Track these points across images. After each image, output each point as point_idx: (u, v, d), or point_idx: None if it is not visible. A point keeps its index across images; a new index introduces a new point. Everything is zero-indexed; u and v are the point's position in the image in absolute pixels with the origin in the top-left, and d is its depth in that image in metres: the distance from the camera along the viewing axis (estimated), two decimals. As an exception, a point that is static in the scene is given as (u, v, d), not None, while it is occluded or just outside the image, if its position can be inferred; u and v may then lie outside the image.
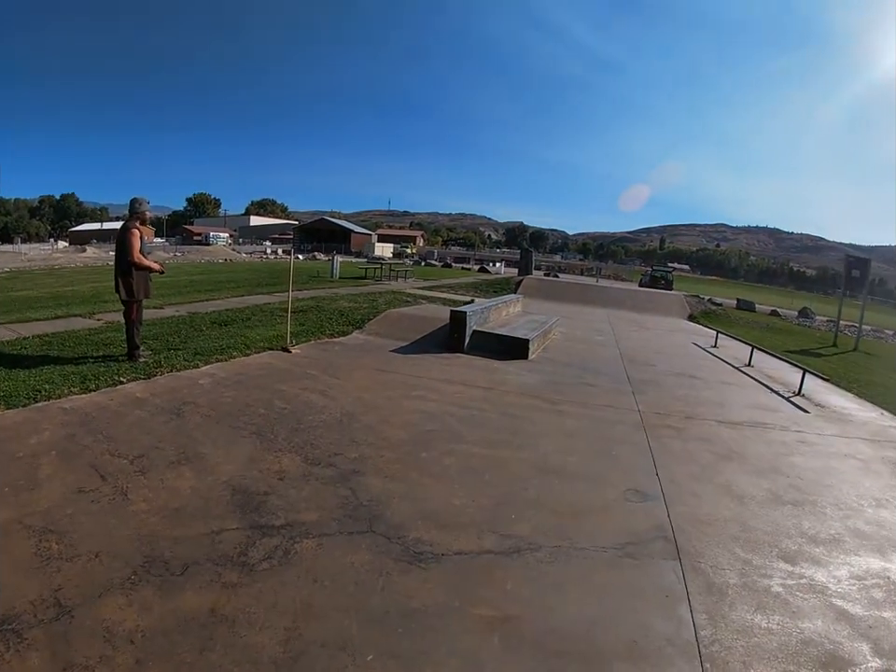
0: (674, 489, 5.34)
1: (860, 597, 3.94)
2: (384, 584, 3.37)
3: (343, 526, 3.97)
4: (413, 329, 11.61)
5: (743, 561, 4.21)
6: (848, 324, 28.50)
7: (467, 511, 4.43)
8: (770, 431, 7.84)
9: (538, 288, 26.24)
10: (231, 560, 3.44)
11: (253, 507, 4.11)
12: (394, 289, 19.69)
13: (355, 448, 5.38)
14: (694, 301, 29.09)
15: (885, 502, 5.77)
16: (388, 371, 8.53)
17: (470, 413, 6.86)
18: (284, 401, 6.53)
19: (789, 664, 3.13)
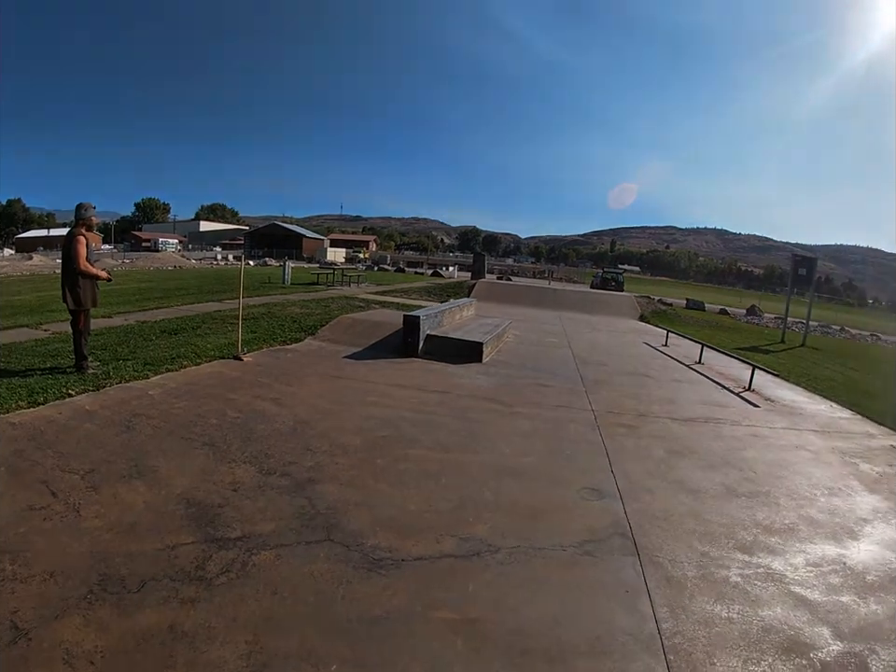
0: (629, 486, 5.41)
1: (817, 584, 4.07)
2: (344, 593, 3.33)
3: (300, 536, 3.91)
4: (367, 335, 11.53)
5: (700, 553, 4.28)
6: (796, 320, 29.38)
7: (424, 515, 4.42)
8: (722, 426, 8.02)
9: (491, 292, 26.45)
10: (188, 575, 3.36)
11: (208, 520, 4.01)
12: (347, 295, 19.57)
13: (310, 456, 5.30)
14: (645, 301, 29.63)
15: (837, 491, 5.97)
16: (342, 378, 8.45)
17: (426, 418, 6.84)
18: (236, 411, 6.41)
19: (751, 651, 3.20)
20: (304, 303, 15.72)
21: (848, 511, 5.47)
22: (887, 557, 4.63)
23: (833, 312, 53.83)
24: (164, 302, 15.19)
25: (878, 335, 39.12)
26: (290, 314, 13.43)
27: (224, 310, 13.53)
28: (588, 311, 24.35)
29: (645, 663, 3.01)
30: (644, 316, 24.79)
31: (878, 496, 6.01)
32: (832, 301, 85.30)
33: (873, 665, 3.22)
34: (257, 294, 17.97)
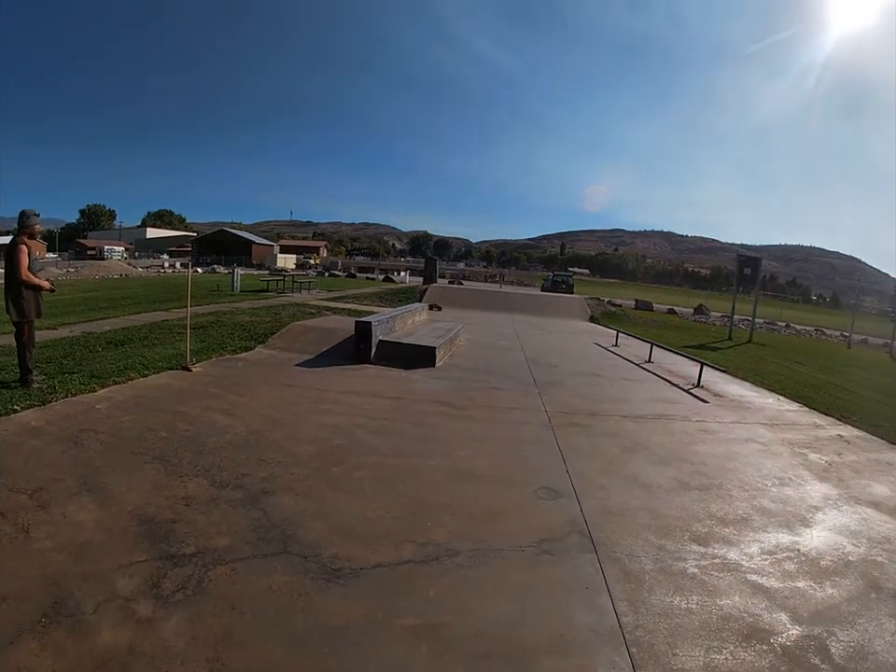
0: (584, 484, 5.46)
1: (773, 571, 4.18)
2: (304, 605, 3.27)
3: (256, 549, 3.82)
4: (319, 342, 11.40)
5: (657, 547, 4.35)
6: (742, 318, 30.19)
7: (382, 522, 4.37)
8: (672, 422, 8.19)
9: (443, 296, 26.44)
10: (143, 594, 3.24)
11: (161, 536, 3.89)
12: (297, 302, 19.27)
13: (263, 467, 5.20)
14: (595, 303, 30.13)
15: (787, 480, 6.15)
16: (294, 386, 8.34)
17: (380, 424, 6.79)
18: (186, 423, 6.24)
19: (712, 640, 3.26)
20: (254, 311, 15.45)
21: (800, 500, 5.64)
22: (839, 542, 4.80)
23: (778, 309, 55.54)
24: (111, 313, 14.74)
25: (822, 330, 40.52)
26: (240, 322, 13.17)
27: (172, 319, 13.18)
28: (539, 313, 24.56)
29: (608, 657, 3.04)
30: (594, 318, 25.21)
31: (828, 483, 6.21)
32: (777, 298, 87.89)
33: (832, 647, 3.32)
34: (205, 302, 17.66)
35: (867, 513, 5.53)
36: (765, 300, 55.20)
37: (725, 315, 33.09)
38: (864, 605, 3.86)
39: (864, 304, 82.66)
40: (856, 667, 3.17)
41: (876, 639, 3.47)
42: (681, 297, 65.25)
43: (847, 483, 6.30)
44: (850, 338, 33.53)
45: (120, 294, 21.38)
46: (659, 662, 3.03)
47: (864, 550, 4.71)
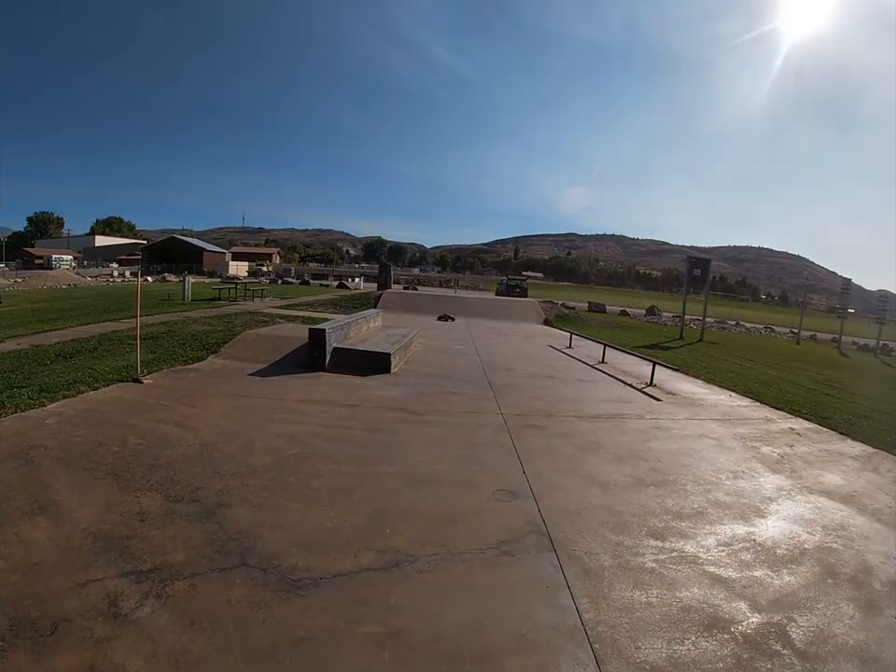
0: (541, 485, 5.51)
1: (730, 562, 4.29)
2: (264, 617, 3.23)
3: (214, 563, 3.75)
4: (272, 351, 11.24)
5: (615, 543, 4.41)
6: (694, 318, 30.75)
7: (341, 531, 4.34)
8: (627, 421, 8.33)
9: (397, 302, 26.48)
10: (101, 612, 3.16)
11: (117, 553, 3.79)
12: (250, 310, 18.89)
13: (218, 480, 5.11)
14: (549, 306, 30.36)
15: (741, 474, 6.31)
16: (248, 396, 8.21)
17: (336, 432, 6.73)
18: (138, 437, 6.09)
19: (674, 632, 3.33)
20: (206, 320, 15.13)
21: (754, 492, 5.79)
22: (794, 531, 4.95)
23: (728, 308, 56.81)
24: (59, 324, 14.27)
25: (772, 327, 41.59)
26: (191, 331, 12.89)
27: (122, 330, 12.83)
28: (494, 317, 24.69)
29: (571, 654, 3.07)
30: (548, 320, 25.45)
31: (781, 475, 6.39)
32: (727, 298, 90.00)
33: (792, 633, 3.43)
34: (156, 312, 17.21)
35: (820, 502, 5.71)
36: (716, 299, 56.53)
37: (676, 316, 33.64)
38: (822, 590, 3.99)
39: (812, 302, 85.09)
40: (817, 651, 3.28)
41: (836, 623, 3.59)
42: (634, 298, 66.23)
43: (800, 474, 6.49)
44: (799, 334, 34.54)
45: (69, 304, 20.78)
46: (622, 656, 3.08)
47: (819, 537, 4.87)
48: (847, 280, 37.38)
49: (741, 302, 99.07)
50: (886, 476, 6.84)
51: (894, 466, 7.29)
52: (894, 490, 6.34)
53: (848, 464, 7.16)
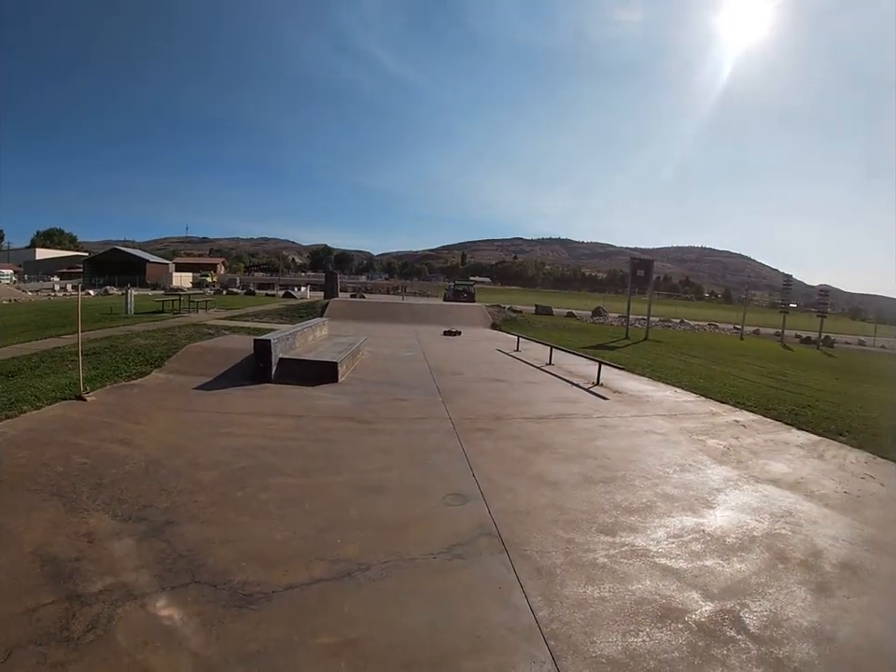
0: (491, 487, 5.52)
1: (681, 553, 4.36)
2: (218, 633, 3.15)
3: (164, 582, 3.65)
4: (217, 363, 11.03)
5: (566, 541, 4.44)
6: (639, 317, 31.31)
7: (291, 543, 4.27)
8: (574, 420, 8.42)
9: (344, 310, 26.35)
10: (54, 637, 3.06)
11: (66, 576, 3.67)
12: (194, 322, 18.48)
13: (165, 497, 4.98)
14: (496, 310, 30.61)
15: (688, 467, 6.43)
16: (193, 410, 8.03)
17: (284, 444, 6.63)
18: (83, 455, 5.90)
19: (628, 624, 3.36)
20: (149, 334, 14.79)
21: (701, 484, 5.90)
22: (742, 520, 5.07)
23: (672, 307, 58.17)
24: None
25: (716, 324, 42.81)
26: (135, 346, 12.57)
27: (64, 346, 12.41)
28: (442, 323, 24.68)
29: (527, 652, 3.07)
30: (496, 324, 25.68)
31: (727, 466, 6.55)
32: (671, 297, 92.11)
33: (745, 618, 3.51)
34: (98, 327, 16.69)
35: (767, 490, 5.86)
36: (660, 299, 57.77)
37: (622, 316, 34.26)
38: (773, 576, 4.10)
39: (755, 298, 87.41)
40: (772, 635, 3.35)
41: (788, 606, 3.68)
42: (580, 300, 67.30)
43: (746, 464, 6.66)
44: (742, 330, 35.58)
45: (9, 321, 19.99)
46: (578, 651, 3.09)
47: (767, 524, 5.00)
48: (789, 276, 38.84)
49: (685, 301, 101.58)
50: (831, 462, 7.08)
51: (839, 452, 7.56)
52: (840, 475, 6.56)
53: (794, 452, 7.38)
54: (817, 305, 37.80)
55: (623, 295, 37.88)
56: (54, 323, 17.77)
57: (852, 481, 6.40)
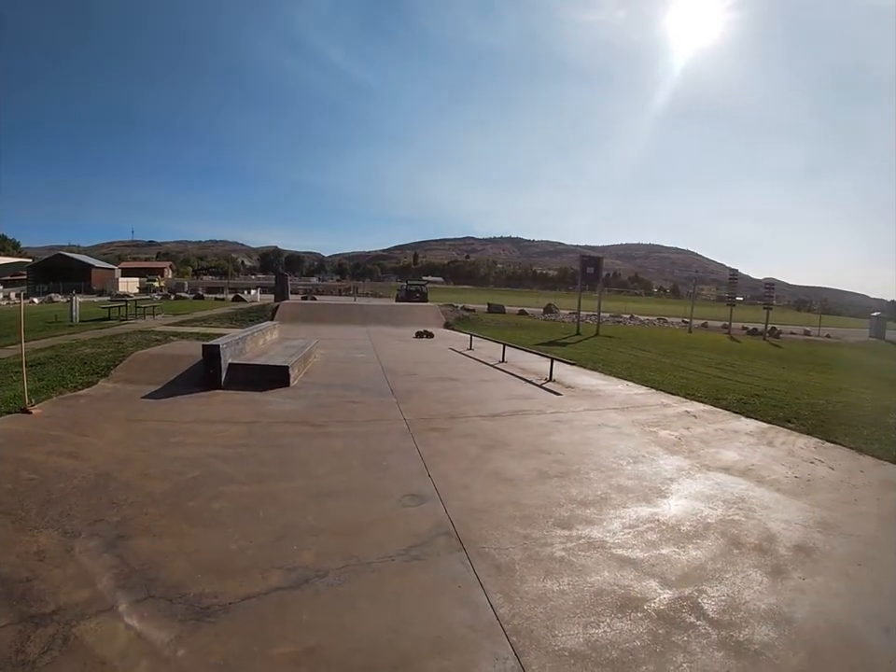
0: (447, 486, 5.52)
1: (637, 543, 4.42)
2: (176, 648, 3.07)
3: (119, 598, 3.54)
4: (165, 371, 10.79)
5: (523, 537, 4.45)
6: (590, 314, 31.78)
7: (246, 552, 4.18)
8: (528, 416, 8.50)
9: (295, 313, 26.14)
10: (9, 661, 2.95)
11: (18, 596, 3.54)
12: (141, 328, 18.01)
13: (116, 510, 4.83)
14: (449, 309, 30.70)
15: (641, 458, 6.54)
16: (142, 420, 7.81)
17: (236, 451, 6.51)
18: (30, 471, 5.70)
19: (588, 616, 3.38)
20: (95, 342, 14.43)
21: (654, 474, 6.00)
22: (696, 508, 5.16)
23: (622, 303, 59.06)
24: (-62, 355, 13.35)
25: (665, 318, 43.56)
26: (81, 355, 12.23)
27: (7, 357, 11.99)
28: (395, 323, 24.70)
29: (490, 650, 3.06)
30: (449, 324, 25.76)
31: (679, 456, 6.67)
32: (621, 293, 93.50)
33: (705, 604, 3.57)
34: (43, 336, 16.18)
35: (720, 478, 5.98)
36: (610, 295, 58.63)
37: (573, 312, 34.65)
38: (729, 561, 4.18)
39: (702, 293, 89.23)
40: (731, 619, 3.41)
41: (746, 590, 3.76)
42: (531, 298, 67.79)
43: (698, 454, 6.79)
44: (691, 323, 36.26)
45: (-51, 332, 19.43)
46: (540, 645, 3.10)
47: (721, 511, 5.10)
48: (735, 270, 39.82)
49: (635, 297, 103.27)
50: (780, 448, 7.26)
51: (788, 438, 7.75)
52: (789, 461, 6.73)
53: (744, 440, 7.55)
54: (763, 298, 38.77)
55: (573, 292, 38.38)
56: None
57: (802, 465, 6.57)
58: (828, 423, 8.70)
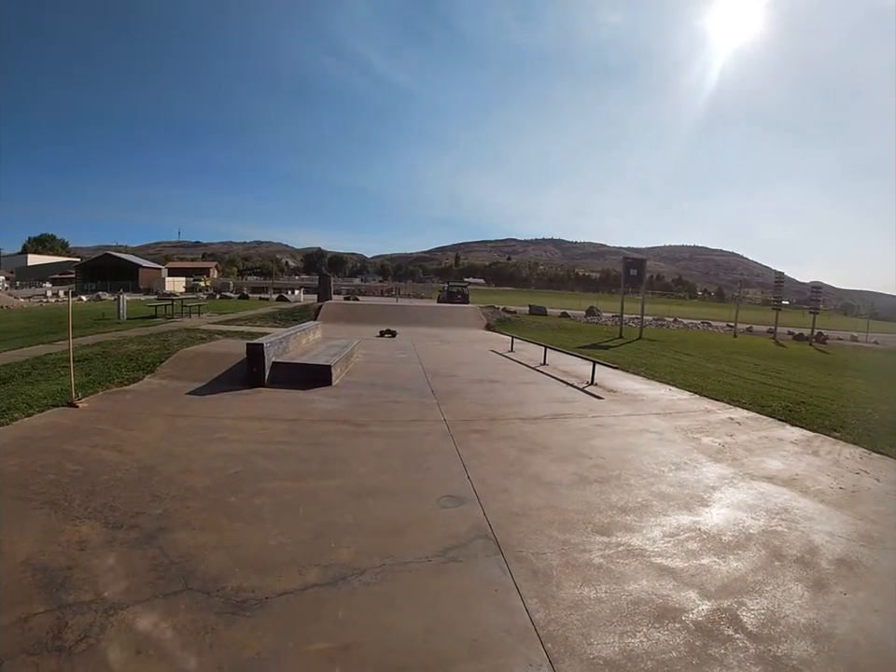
0: (486, 488, 5.50)
1: (677, 552, 4.34)
2: (211, 641, 3.12)
3: (157, 589, 3.61)
4: (210, 368, 11.00)
5: (561, 542, 4.41)
6: (632, 316, 31.40)
7: (285, 548, 4.23)
8: (569, 420, 8.41)
9: (338, 313, 26.37)
10: (45, 647, 3.02)
11: (58, 584, 3.63)
12: (187, 327, 18.41)
13: (157, 503, 4.93)
14: (490, 311, 30.59)
15: (683, 465, 6.42)
16: (186, 416, 7.97)
17: (277, 448, 6.59)
18: (75, 463, 5.85)
19: (625, 625, 3.33)
20: (142, 339, 14.75)
21: (696, 482, 5.89)
22: (738, 517, 5.05)
23: (666, 306, 58.23)
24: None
25: (709, 322, 42.82)
26: (127, 351, 12.50)
27: (56, 352, 12.32)
28: (436, 324, 24.74)
29: (524, 656, 3.04)
30: (490, 325, 25.68)
31: (722, 464, 6.53)
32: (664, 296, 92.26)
33: (743, 616, 3.49)
34: (91, 332, 16.60)
35: (763, 487, 5.84)
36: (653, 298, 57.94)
37: (615, 315, 34.33)
38: (770, 573, 4.08)
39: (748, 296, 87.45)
40: (769, 633, 3.33)
41: (786, 604, 3.66)
42: (574, 300, 67.28)
43: (741, 462, 6.64)
44: (736, 327, 35.61)
45: (0, 328, 20.03)
46: (575, 653, 3.06)
47: (764, 522, 4.98)
48: (780, 273, 38.86)
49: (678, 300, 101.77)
50: (825, 458, 7.06)
51: (833, 448, 7.54)
52: (835, 471, 6.54)
53: (788, 449, 7.37)
54: (809, 302, 37.71)
55: (616, 294, 38.03)
56: (46, 329, 17.69)
57: (847, 476, 6.38)
58: (875, 433, 8.45)
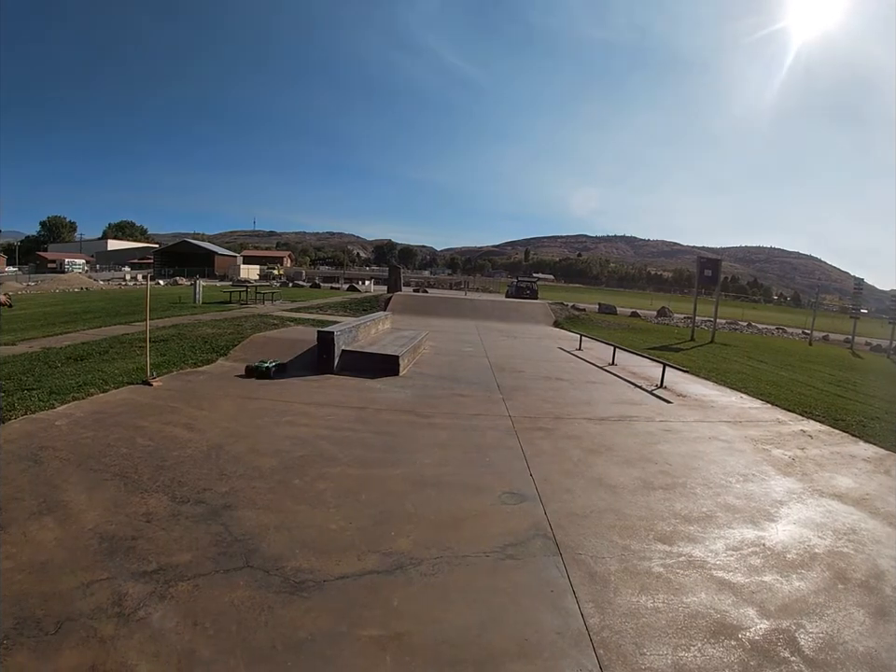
0: (548, 487, 5.46)
1: (739, 567, 4.22)
2: (267, 619, 3.20)
3: (218, 565, 3.74)
4: (281, 353, 11.13)
5: (622, 547, 4.35)
6: (705, 319, 30.61)
7: (345, 533, 4.30)
8: (636, 423, 8.26)
9: (407, 304, 26.51)
10: (105, 612, 3.16)
11: (122, 553, 3.79)
12: (260, 313, 18.91)
13: (224, 481, 5.10)
14: (559, 307, 30.28)
15: (751, 477, 6.22)
16: (256, 399, 8.19)
17: (343, 435, 6.70)
18: (146, 438, 6.09)
19: (679, 638, 3.26)
20: (216, 323, 15.19)
21: (764, 495, 5.70)
22: (805, 535, 4.87)
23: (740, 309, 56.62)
24: (70, 327, 14.33)
25: (784, 328, 41.35)
26: (201, 334, 12.95)
27: (132, 333, 12.86)
28: (504, 319, 24.67)
29: (575, 659, 3.02)
30: (558, 322, 25.39)
31: (792, 478, 6.30)
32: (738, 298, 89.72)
33: (801, 639, 3.36)
34: (167, 315, 17.29)
35: (832, 506, 5.62)
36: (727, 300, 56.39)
37: (687, 317, 33.52)
38: (832, 596, 3.92)
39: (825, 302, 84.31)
40: (826, 658, 3.21)
41: (846, 630, 3.51)
42: (644, 300, 66.12)
43: (811, 477, 6.41)
44: (811, 335, 34.33)
45: (81, 308, 20.85)
46: (626, 662, 3.02)
47: (830, 542, 4.79)
48: (860, 280, 37.03)
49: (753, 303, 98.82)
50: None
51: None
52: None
53: (860, 466, 7.06)
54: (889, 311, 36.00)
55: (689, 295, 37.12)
56: (124, 311, 18.43)
57: (921, 499, 6.10)
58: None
